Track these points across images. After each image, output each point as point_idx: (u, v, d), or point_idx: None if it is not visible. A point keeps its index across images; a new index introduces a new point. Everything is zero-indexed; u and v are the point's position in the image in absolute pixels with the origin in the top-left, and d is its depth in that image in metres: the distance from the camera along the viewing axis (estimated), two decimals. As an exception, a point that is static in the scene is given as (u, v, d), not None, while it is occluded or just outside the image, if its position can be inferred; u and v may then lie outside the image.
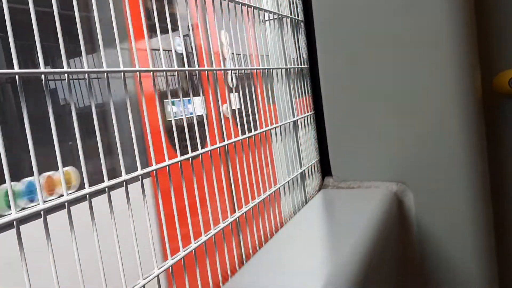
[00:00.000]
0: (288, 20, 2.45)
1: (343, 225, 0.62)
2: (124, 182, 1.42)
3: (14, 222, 1.13)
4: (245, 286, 0.43)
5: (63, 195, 1.22)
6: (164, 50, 1.95)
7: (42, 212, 1.21)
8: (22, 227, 1.20)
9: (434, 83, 0.71)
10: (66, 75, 1.32)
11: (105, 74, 1.44)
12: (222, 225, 1.89)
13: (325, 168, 0.74)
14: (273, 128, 2.36)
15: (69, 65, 1.60)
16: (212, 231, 1.77)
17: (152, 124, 1.73)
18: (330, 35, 0.72)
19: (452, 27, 0.67)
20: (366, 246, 0.51)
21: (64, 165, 1.23)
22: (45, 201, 1.18)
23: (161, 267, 1.38)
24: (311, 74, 0.75)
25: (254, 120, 2.26)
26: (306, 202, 0.88)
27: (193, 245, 1.52)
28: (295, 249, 0.55)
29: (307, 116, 2.65)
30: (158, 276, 1.34)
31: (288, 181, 2.37)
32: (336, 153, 0.73)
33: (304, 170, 2.51)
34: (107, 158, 1.48)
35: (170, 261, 1.52)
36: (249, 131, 2.15)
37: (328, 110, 0.73)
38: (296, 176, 2.42)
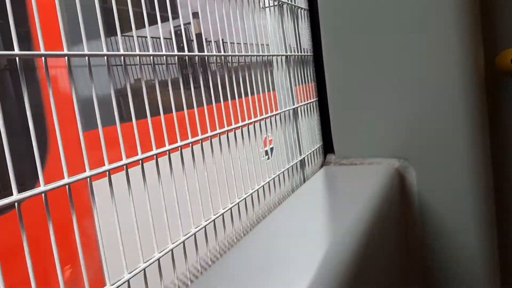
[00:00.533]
0: (288, 7, 2.44)
1: (344, 198, 0.62)
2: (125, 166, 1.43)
3: (16, 204, 1.16)
4: (249, 251, 0.43)
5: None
6: (165, 38, 1.95)
7: (43, 194, 1.24)
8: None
9: (436, 61, 0.70)
10: (66, 58, 1.32)
11: (105, 57, 1.44)
12: (222, 211, 1.90)
13: (327, 145, 0.73)
14: (272, 115, 2.37)
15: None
16: (213, 217, 1.78)
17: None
18: (334, 16, 0.72)
19: (454, 4, 0.66)
20: (368, 217, 0.51)
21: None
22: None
23: (162, 250, 1.40)
24: (315, 57, 0.74)
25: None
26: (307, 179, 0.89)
27: (193, 229, 1.53)
28: (296, 219, 0.55)
29: (308, 103, 2.66)
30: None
31: (287, 168, 2.38)
32: (339, 130, 0.73)
33: (304, 158, 2.52)
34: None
35: (170, 245, 1.54)
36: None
37: (331, 87, 0.73)
38: (296, 163, 2.44)
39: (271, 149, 2.77)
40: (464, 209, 0.73)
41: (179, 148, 1.80)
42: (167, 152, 1.69)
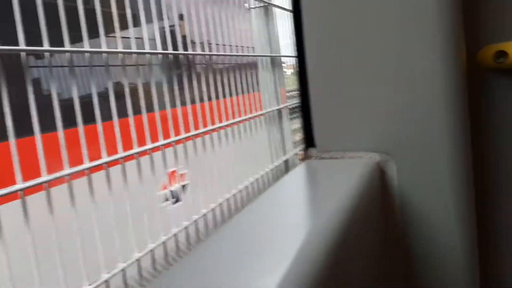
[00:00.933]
0: (273, 8, 2.45)
1: (324, 190, 0.61)
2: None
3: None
4: (225, 241, 0.43)
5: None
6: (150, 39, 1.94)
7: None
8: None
9: (418, 55, 0.71)
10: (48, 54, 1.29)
11: (86, 54, 1.42)
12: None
13: (308, 139, 0.73)
14: (257, 115, 2.36)
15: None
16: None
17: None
18: (316, 13, 0.72)
19: (438, -3, 0.67)
20: (347, 209, 0.51)
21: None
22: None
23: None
24: (298, 50, 0.74)
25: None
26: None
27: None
28: (274, 210, 0.54)
29: (288, 105, 2.67)
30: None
31: (272, 169, 2.38)
32: (320, 124, 0.73)
33: (288, 159, 2.52)
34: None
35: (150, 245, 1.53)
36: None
37: (313, 81, 0.73)
38: (280, 164, 2.43)
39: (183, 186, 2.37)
40: (444, 203, 0.73)
41: (161, 147, 1.79)
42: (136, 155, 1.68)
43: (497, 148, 0.82)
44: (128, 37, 1.95)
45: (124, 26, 1.87)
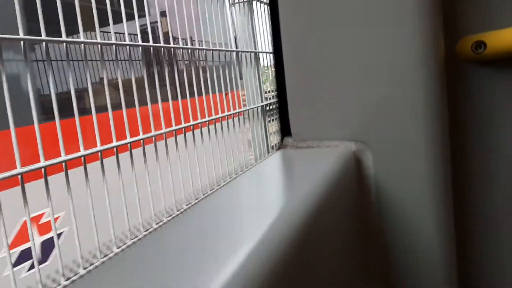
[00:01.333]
0: (259, 3, 2.43)
1: (297, 178, 0.60)
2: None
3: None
4: (190, 222, 0.41)
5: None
6: (130, 34, 1.91)
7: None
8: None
9: (397, 46, 0.70)
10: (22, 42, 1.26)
11: (64, 44, 1.39)
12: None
13: (284, 128, 0.72)
14: (240, 111, 2.34)
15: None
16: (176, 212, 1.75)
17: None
18: (294, 4, 0.71)
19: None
20: (320, 196, 0.50)
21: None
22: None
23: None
24: (274, 39, 0.73)
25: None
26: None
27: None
28: (245, 195, 0.53)
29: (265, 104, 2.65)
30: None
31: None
32: (296, 112, 0.71)
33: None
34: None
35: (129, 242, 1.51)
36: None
37: (289, 70, 0.71)
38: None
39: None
40: (420, 194, 0.72)
41: (141, 141, 1.77)
42: (114, 148, 1.66)
43: (474, 138, 0.81)
44: (109, 32, 1.92)
45: (105, 22, 1.84)
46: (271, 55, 2.54)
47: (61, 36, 1.39)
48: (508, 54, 0.78)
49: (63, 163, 1.41)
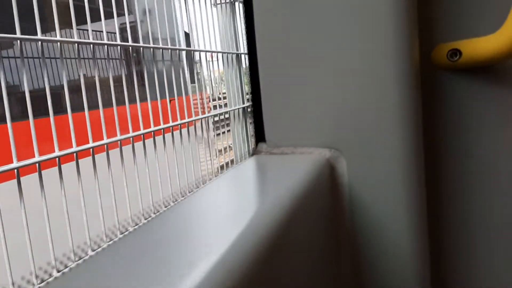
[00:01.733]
0: (241, 4, 2.42)
1: (268, 184, 0.59)
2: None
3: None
4: (161, 225, 0.40)
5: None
6: (109, 32, 1.88)
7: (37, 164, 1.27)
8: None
9: (372, 52, 0.70)
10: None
11: (40, 43, 1.35)
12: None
13: (259, 133, 0.71)
14: (220, 113, 2.33)
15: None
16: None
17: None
18: (267, 5, 0.70)
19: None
20: (289, 203, 0.49)
21: None
22: None
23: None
24: (248, 44, 0.72)
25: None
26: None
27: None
28: (217, 200, 0.52)
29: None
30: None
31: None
32: (271, 118, 0.71)
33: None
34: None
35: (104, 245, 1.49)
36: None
37: (263, 74, 0.71)
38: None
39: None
40: (394, 202, 0.72)
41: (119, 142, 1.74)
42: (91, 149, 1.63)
43: (449, 147, 0.82)
44: (86, 29, 1.89)
45: (83, 20, 1.80)
46: (246, 56, 2.54)
47: (36, 34, 1.36)
48: (482, 62, 0.78)
49: (37, 164, 1.37)
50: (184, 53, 2.15)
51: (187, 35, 2.50)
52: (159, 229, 0.42)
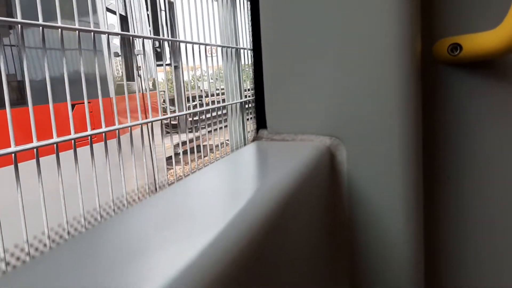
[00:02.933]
0: None
1: (267, 169, 0.60)
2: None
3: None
4: (156, 205, 0.41)
5: None
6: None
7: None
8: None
9: (374, 43, 0.70)
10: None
11: (40, 28, 1.35)
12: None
13: (260, 120, 0.71)
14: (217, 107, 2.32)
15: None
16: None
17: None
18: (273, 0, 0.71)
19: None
20: (287, 188, 0.50)
21: None
22: None
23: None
24: (253, 29, 0.73)
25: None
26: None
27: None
28: (216, 181, 0.53)
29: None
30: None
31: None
32: (272, 105, 0.71)
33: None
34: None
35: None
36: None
37: (267, 63, 0.71)
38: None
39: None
40: (392, 191, 0.72)
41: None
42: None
43: (448, 141, 0.83)
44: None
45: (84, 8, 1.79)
46: (250, 51, 2.55)
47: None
48: (482, 57, 0.79)
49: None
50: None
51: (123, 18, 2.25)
52: (154, 208, 0.42)
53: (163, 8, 2.24)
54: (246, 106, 2.55)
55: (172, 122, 2.27)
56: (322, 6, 0.73)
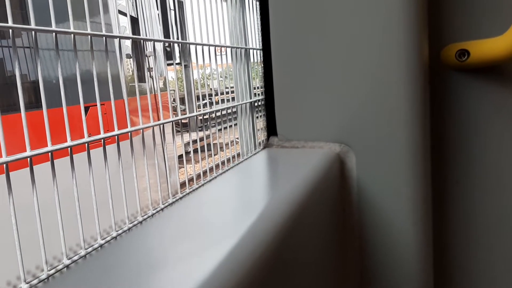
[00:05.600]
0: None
1: (279, 177, 0.61)
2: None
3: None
4: (172, 218, 0.42)
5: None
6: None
7: (28, 159, 1.31)
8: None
9: (383, 50, 0.71)
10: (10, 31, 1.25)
11: (54, 34, 1.38)
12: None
13: (271, 127, 0.73)
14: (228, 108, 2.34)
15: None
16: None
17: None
18: (284, 3, 0.72)
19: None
20: (299, 196, 0.51)
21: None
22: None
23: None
24: (263, 36, 0.74)
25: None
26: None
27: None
28: (229, 190, 0.54)
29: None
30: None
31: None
32: (282, 112, 0.73)
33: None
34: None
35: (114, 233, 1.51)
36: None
37: (277, 68, 0.73)
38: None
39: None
40: (400, 197, 0.74)
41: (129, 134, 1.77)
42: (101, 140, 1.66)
43: (457, 145, 0.83)
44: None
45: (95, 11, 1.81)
46: (260, 52, 2.56)
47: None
48: (490, 63, 0.80)
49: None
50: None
51: (134, 20, 2.27)
52: (170, 221, 0.44)
53: (172, 8, 2.26)
54: (256, 104, 2.56)
55: (183, 121, 2.30)
56: (331, 13, 0.74)
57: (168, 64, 2.81)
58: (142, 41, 2.01)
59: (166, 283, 0.33)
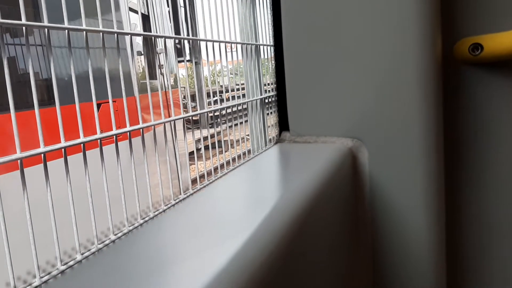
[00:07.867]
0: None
1: (292, 172, 0.61)
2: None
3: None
4: (186, 212, 0.43)
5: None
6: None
7: (42, 155, 1.30)
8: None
9: (395, 45, 0.71)
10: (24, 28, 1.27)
11: (66, 31, 1.39)
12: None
13: (283, 122, 0.73)
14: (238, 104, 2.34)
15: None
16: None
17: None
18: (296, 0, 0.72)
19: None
20: (312, 191, 0.51)
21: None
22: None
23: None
24: (275, 31, 0.74)
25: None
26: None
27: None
28: (241, 185, 0.55)
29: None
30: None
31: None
32: (294, 108, 0.73)
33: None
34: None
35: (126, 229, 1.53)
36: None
37: (289, 64, 0.73)
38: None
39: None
40: (412, 193, 0.73)
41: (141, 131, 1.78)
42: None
43: (470, 139, 0.83)
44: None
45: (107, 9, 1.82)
46: (272, 48, 2.55)
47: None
48: (504, 57, 0.79)
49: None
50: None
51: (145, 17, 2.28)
52: (183, 216, 0.44)
53: (182, 4, 2.27)
54: (266, 101, 2.56)
55: (194, 118, 2.31)
56: (344, 8, 0.74)
57: (179, 61, 2.82)
58: (153, 38, 2.01)
59: (178, 279, 0.33)
